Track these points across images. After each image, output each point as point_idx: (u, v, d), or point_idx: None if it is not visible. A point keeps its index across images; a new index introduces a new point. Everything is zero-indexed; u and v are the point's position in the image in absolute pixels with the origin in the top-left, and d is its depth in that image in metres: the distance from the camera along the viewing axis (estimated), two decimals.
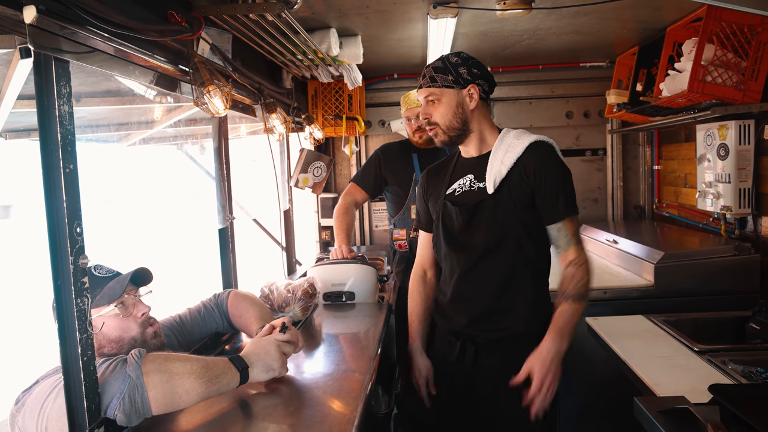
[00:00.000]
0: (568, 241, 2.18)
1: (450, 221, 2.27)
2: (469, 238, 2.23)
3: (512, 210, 2.16)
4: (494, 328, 2.23)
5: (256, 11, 2.19)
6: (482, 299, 2.23)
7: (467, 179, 2.29)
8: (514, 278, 2.20)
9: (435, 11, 2.76)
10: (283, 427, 1.62)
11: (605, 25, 3.42)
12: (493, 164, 2.19)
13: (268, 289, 2.62)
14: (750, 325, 2.53)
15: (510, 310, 2.21)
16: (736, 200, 3.14)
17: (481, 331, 2.25)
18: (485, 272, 2.22)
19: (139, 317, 1.80)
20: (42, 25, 1.29)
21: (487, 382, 2.24)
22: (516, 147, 2.18)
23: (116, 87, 2.16)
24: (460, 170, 2.34)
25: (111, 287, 1.76)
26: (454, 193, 2.30)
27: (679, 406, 1.56)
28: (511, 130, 2.27)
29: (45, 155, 1.32)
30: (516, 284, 2.21)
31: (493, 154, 2.21)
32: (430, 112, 2.23)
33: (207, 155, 2.86)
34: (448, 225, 2.28)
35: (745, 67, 2.93)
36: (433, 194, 2.40)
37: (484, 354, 2.25)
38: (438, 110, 2.22)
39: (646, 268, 3.27)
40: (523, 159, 2.16)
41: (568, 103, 4.82)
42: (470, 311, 2.26)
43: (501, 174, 2.16)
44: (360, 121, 4.51)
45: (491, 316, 2.23)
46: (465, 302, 2.27)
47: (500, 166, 2.17)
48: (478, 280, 2.23)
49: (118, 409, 1.46)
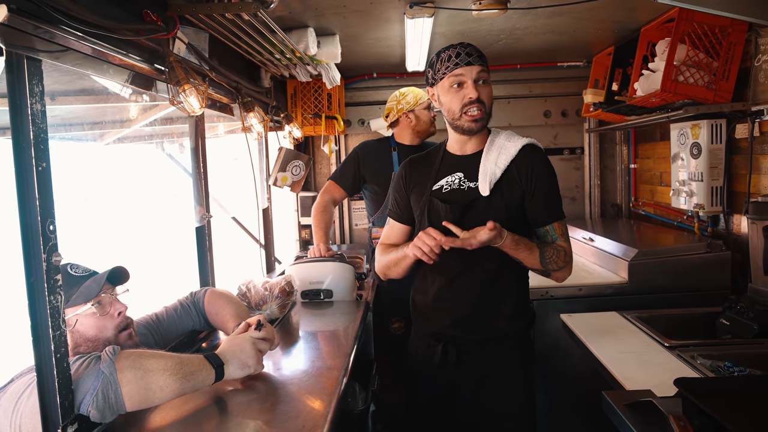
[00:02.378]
0: (555, 237, 2.21)
1: (438, 219, 2.18)
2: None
3: (504, 212, 2.14)
4: (478, 330, 2.23)
5: (231, 11, 2.20)
6: (468, 301, 2.22)
7: (456, 177, 2.24)
8: (500, 279, 2.21)
9: (411, 11, 2.78)
10: (258, 422, 1.64)
11: (581, 26, 3.46)
12: (487, 165, 2.17)
13: (245, 287, 2.63)
14: (720, 321, 2.58)
15: (495, 312, 2.21)
16: (708, 198, 3.20)
17: (464, 333, 2.24)
18: (473, 274, 2.20)
19: (116, 316, 1.81)
20: (14, 24, 1.29)
21: (470, 384, 2.25)
22: (509, 149, 2.16)
23: (91, 85, 2.15)
24: (448, 167, 2.28)
25: (87, 286, 1.76)
26: (441, 189, 2.25)
27: (644, 399, 1.60)
28: (501, 131, 2.26)
29: (17, 153, 1.33)
30: (502, 285, 2.21)
31: (486, 154, 2.19)
32: (481, 92, 2.12)
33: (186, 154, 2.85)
34: (435, 222, 2.19)
35: (716, 67, 2.98)
36: (417, 187, 2.31)
37: (466, 356, 2.24)
38: (488, 91, 2.15)
39: (620, 266, 3.32)
40: (517, 161, 2.15)
41: (546, 102, 4.87)
42: (454, 313, 2.24)
43: (495, 176, 2.14)
44: (339, 120, 4.52)
45: (475, 317, 2.22)
46: (449, 304, 2.25)
47: (494, 168, 2.15)
48: (465, 281, 2.21)
49: (92, 405, 1.47)
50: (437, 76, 2.17)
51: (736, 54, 2.97)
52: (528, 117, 4.88)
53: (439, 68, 2.16)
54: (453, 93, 2.13)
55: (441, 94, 2.19)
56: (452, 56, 2.11)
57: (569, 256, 2.22)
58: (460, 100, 2.12)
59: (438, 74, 2.16)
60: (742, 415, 1.43)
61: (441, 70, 2.14)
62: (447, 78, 2.13)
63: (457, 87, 2.12)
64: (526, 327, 2.30)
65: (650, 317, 2.68)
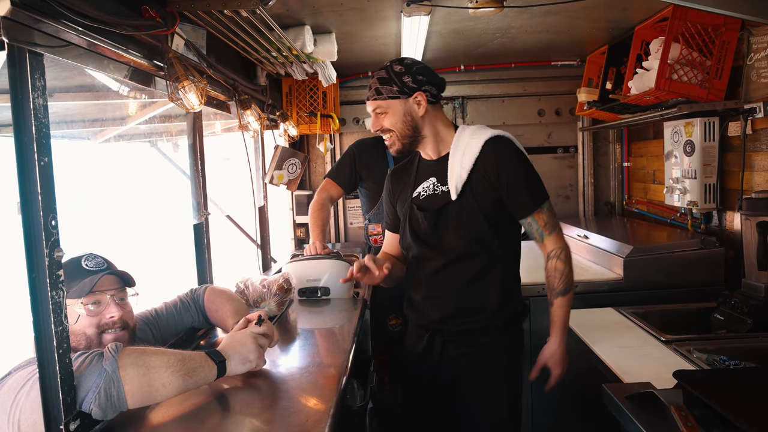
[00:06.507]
0: (541, 233, 2.22)
1: (417, 225, 2.26)
2: (436, 242, 2.23)
3: (477, 211, 2.15)
4: (464, 322, 2.25)
5: (230, 7, 2.20)
6: (452, 297, 2.24)
7: (430, 182, 2.27)
8: (483, 276, 2.21)
9: (408, 9, 2.78)
10: (260, 419, 1.63)
11: (575, 24, 3.48)
12: (453, 168, 2.18)
13: (243, 285, 2.63)
14: (715, 316, 2.60)
15: (480, 306, 2.23)
16: (701, 196, 3.22)
17: (451, 325, 2.27)
18: (455, 273, 2.22)
19: (106, 318, 1.80)
20: (16, 17, 1.29)
21: (453, 372, 2.27)
22: (472, 147, 2.16)
23: (90, 82, 2.15)
24: (423, 172, 2.33)
25: (85, 283, 1.76)
26: (419, 196, 2.29)
27: (645, 391, 1.61)
28: (466, 128, 2.25)
29: (19, 148, 1.32)
30: (485, 282, 2.22)
31: (452, 157, 2.20)
32: (381, 123, 2.20)
33: (181, 153, 2.85)
34: (415, 228, 2.27)
35: (710, 65, 3.01)
36: (401, 197, 2.39)
37: (451, 346, 2.27)
38: (387, 121, 2.19)
39: (615, 262, 3.34)
40: (482, 159, 2.14)
41: (540, 101, 4.89)
42: (442, 309, 2.26)
43: (462, 178, 2.15)
44: (335, 118, 4.52)
45: (461, 311, 2.24)
46: (436, 300, 2.28)
47: (460, 170, 2.16)
48: (447, 280, 2.24)
49: (94, 402, 1.46)
50: None
51: (728, 53, 3.00)
52: (522, 116, 4.90)
53: None
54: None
55: None
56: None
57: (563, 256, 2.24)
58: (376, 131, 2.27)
59: None
60: (741, 406, 1.44)
61: None
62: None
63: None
64: (513, 317, 2.30)
65: (646, 313, 2.70)
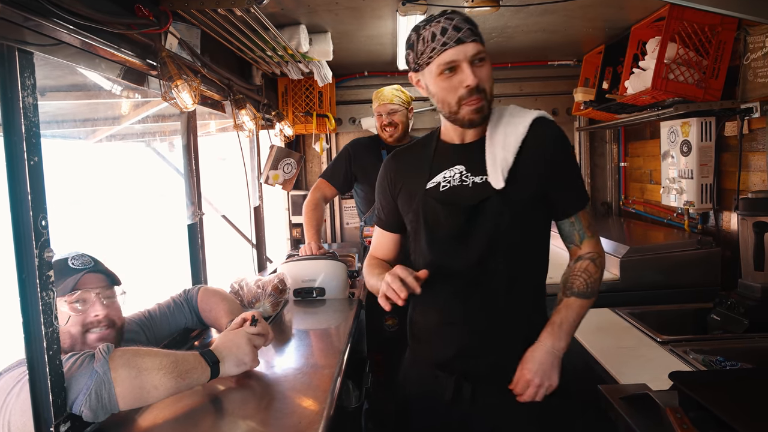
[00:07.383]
0: (583, 235, 1.81)
1: (437, 225, 1.77)
2: (465, 247, 1.74)
3: (523, 208, 1.72)
4: (489, 353, 1.77)
5: (224, 5, 2.19)
6: (478, 321, 1.77)
7: (455, 171, 1.79)
8: (514, 293, 1.76)
9: (404, 8, 2.77)
10: (254, 420, 1.63)
11: (572, 24, 3.47)
12: (495, 152, 1.72)
13: (237, 285, 2.61)
14: (711, 316, 2.59)
15: (508, 332, 1.77)
16: (698, 196, 3.22)
17: (474, 360, 1.78)
18: (484, 288, 1.75)
19: (91, 317, 1.78)
20: (5, 15, 1.28)
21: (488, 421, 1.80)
22: (517, 126, 1.73)
23: (82, 81, 2.13)
24: (443, 158, 1.83)
25: (69, 282, 1.74)
26: (438, 188, 1.79)
27: (640, 392, 1.60)
28: (504, 108, 1.82)
29: (9, 147, 1.31)
30: (516, 299, 1.76)
31: (489, 139, 1.75)
32: (482, 75, 1.66)
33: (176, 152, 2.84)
34: (435, 231, 1.78)
35: (706, 65, 3.01)
36: (405, 188, 1.88)
37: (481, 391, 1.78)
38: (487, 72, 1.68)
39: (612, 263, 3.33)
40: (530, 141, 1.71)
41: (536, 101, 4.88)
42: (461, 338, 1.78)
43: (508, 162, 1.69)
44: (330, 118, 4.52)
45: (486, 340, 1.77)
46: (455, 326, 1.79)
47: (504, 153, 1.70)
48: (474, 298, 1.76)
49: (85, 405, 1.44)
50: (421, 61, 1.71)
51: (725, 52, 2.99)
52: None
53: (422, 50, 1.69)
54: (444, 81, 1.67)
55: (429, 83, 1.73)
56: (437, 34, 1.64)
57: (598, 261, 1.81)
58: (455, 89, 1.67)
59: (422, 58, 1.70)
60: (736, 407, 1.43)
61: (425, 53, 1.68)
62: (434, 63, 1.67)
63: (449, 73, 1.66)
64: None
65: (642, 313, 2.69)
